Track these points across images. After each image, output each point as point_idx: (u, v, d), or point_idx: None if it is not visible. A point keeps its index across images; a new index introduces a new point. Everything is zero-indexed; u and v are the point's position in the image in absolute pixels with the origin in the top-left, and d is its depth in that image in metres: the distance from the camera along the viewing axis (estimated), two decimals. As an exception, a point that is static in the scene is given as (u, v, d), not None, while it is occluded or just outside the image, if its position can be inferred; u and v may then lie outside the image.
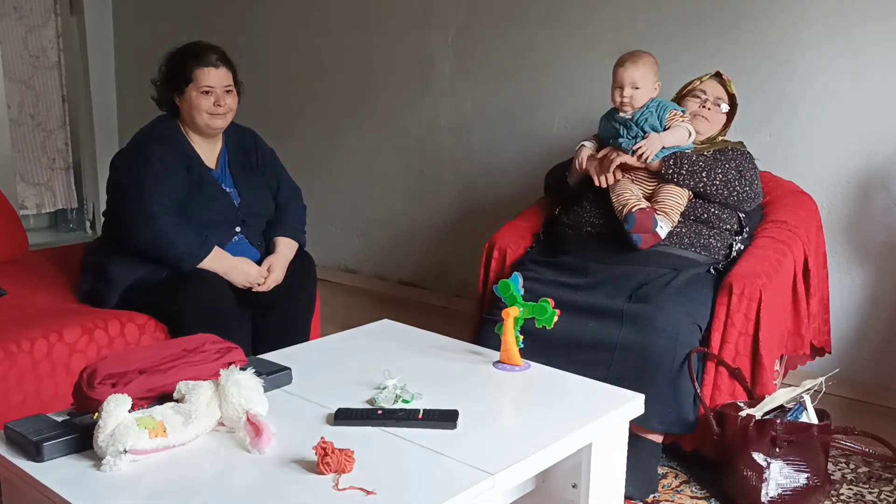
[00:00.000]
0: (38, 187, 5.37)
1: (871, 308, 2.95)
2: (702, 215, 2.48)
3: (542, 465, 1.54)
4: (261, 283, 2.55)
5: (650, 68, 2.53)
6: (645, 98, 2.52)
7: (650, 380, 2.17)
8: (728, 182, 2.47)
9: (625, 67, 2.52)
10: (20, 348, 2.17)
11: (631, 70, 2.51)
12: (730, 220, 2.51)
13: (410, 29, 4.03)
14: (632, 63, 2.52)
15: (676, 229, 2.46)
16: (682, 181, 2.46)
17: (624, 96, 2.52)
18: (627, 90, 2.51)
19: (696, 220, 2.48)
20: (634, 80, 2.50)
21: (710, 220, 2.48)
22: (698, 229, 2.47)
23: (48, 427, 1.49)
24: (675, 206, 2.45)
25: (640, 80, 2.50)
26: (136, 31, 5.33)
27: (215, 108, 2.54)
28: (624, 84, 2.51)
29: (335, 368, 1.92)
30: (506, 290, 1.93)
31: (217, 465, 1.45)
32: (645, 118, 2.51)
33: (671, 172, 2.47)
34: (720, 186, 2.47)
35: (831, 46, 2.89)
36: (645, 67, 2.51)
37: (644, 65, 2.52)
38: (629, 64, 2.52)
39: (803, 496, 2.12)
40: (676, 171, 2.46)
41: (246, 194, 2.64)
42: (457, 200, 4.00)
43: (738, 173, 2.50)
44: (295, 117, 4.59)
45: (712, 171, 2.47)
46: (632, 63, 2.52)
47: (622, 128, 2.54)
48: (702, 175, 2.46)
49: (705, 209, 2.49)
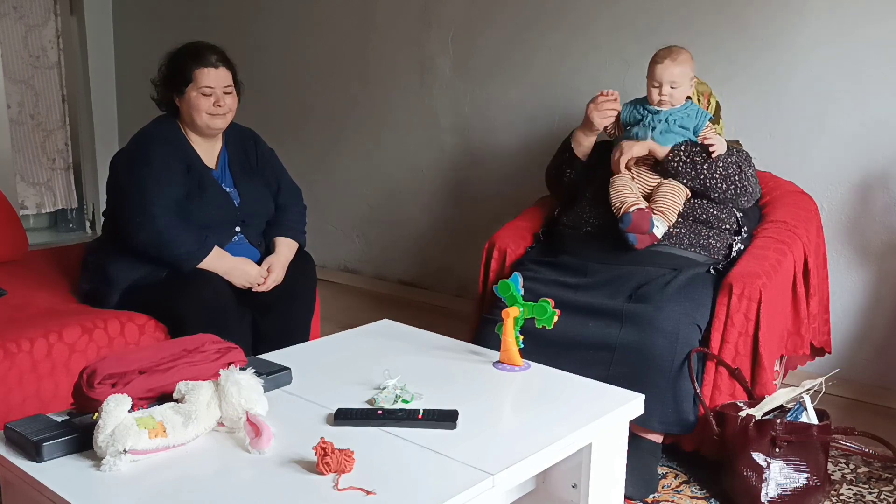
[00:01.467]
0: (38, 187, 5.37)
1: (871, 308, 2.95)
2: (701, 216, 2.48)
3: (542, 465, 1.54)
4: (261, 284, 2.55)
5: (689, 66, 2.49)
6: (683, 96, 2.50)
7: (650, 380, 2.17)
8: (728, 176, 2.46)
9: (664, 65, 2.47)
10: (20, 348, 2.17)
11: (671, 68, 2.46)
12: (728, 219, 2.51)
13: (410, 28, 4.03)
14: (672, 60, 2.46)
15: (676, 229, 2.45)
16: (683, 170, 2.45)
17: (663, 94, 2.48)
18: (666, 88, 2.47)
19: (696, 221, 2.48)
20: (674, 78, 2.46)
21: (710, 221, 2.48)
22: (698, 229, 2.47)
23: (48, 427, 1.49)
24: (673, 206, 2.45)
25: (679, 78, 2.46)
26: (136, 31, 5.33)
27: (215, 109, 2.54)
28: (663, 82, 2.47)
29: (335, 368, 1.92)
30: (506, 290, 1.93)
31: (217, 465, 1.45)
32: (679, 117, 2.48)
33: (676, 160, 2.46)
34: (719, 180, 2.45)
35: (831, 46, 2.89)
36: (684, 65, 2.47)
37: (683, 62, 2.47)
38: (669, 62, 2.46)
39: (803, 496, 2.12)
40: (681, 160, 2.45)
41: (246, 194, 2.64)
42: (457, 200, 4.00)
43: (738, 168, 2.48)
44: (295, 117, 4.59)
45: (714, 164, 2.46)
46: (672, 60, 2.46)
47: (649, 116, 2.51)
48: (703, 167, 2.45)
49: (704, 209, 2.49)
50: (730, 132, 3.15)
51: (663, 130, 2.49)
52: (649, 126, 2.51)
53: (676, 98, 2.49)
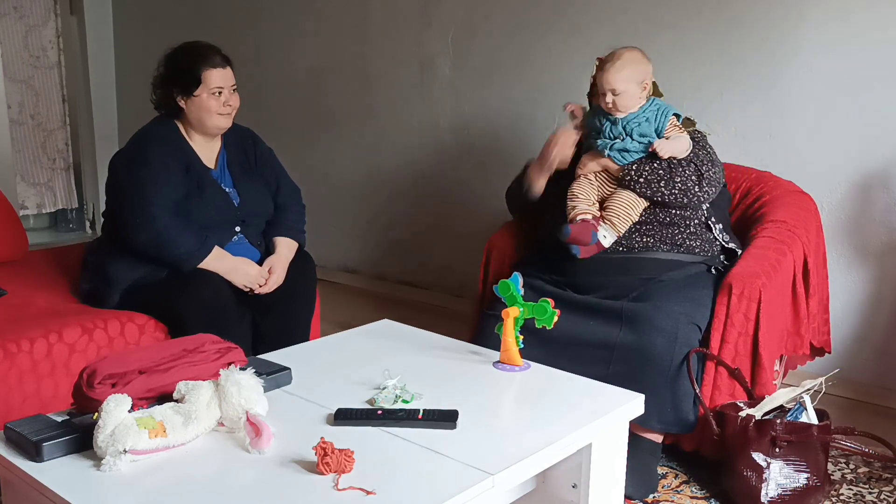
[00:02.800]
0: (38, 187, 5.37)
1: (871, 308, 2.95)
2: (665, 219, 2.44)
3: (542, 465, 1.54)
4: (261, 285, 2.55)
5: (633, 69, 2.36)
6: (631, 101, 2.38)
7: (649, 379, 2.17)
8: (687, 190, 2.39)
9: (604, 72, 2.37)
10: (20, 348, 2.17)
11: (609, 76, 2.35)
12: (693, 216, 2.46)
13: (410, 28, 4.03)
14: (610, 67, 2.36)
15: (650, 238, 2.41)
16: (638, 189, 2.40)
17: (607, 102, 2.38)
18: (608, 97, 2.37)
19: (662, 224, 2.44)
20: (613, 85, 2.35)
21: (675, 222, 2.44)
22: (669, 232, 2.43)
23: (48, 427, 1.49)
24: (624, 216, 2.39)
25: (620, 84, 2.35)
26: (136, 31, 5.33)
27: (224, 109, 2.54)
28: (604, 89, 2.37)
29: (335, 368, 1.92)
30: (506, 290, 1.93)
31: (217, 465, 1.45)
32: (637, 123, 2.40)
33: (628, 180, 2.41)
34: (679, 195, 2.39)
35: (831, 47, 2.89)
36: (625, 71, 2.35)
37: (623, 68, 2.35)
38: (608, 69, 2.36)
39: (803, 496, 2.12)
40: (634, 180, 2.41)
41: (245, 194, 2.64)
42: (457, 200, 4.00)
43: (699, 177, 2.40)
44: (295, 117, 4.59)
45: (671, 180, 2.38)
46: (610, 67, 2.36)
47: (608, 125, 2.43)
48: (660, 185, 2.38)
49: (666, 213, 2.43)
50: (730, 132, 3.16)
51: (621, 148, 2.41)
52: (607, 139, 2.43)
53: (624, 104, 2.37)
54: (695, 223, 2.46)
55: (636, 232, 2.42)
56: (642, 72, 2.39)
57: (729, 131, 3.14)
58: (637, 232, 2.42)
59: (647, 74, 2.41)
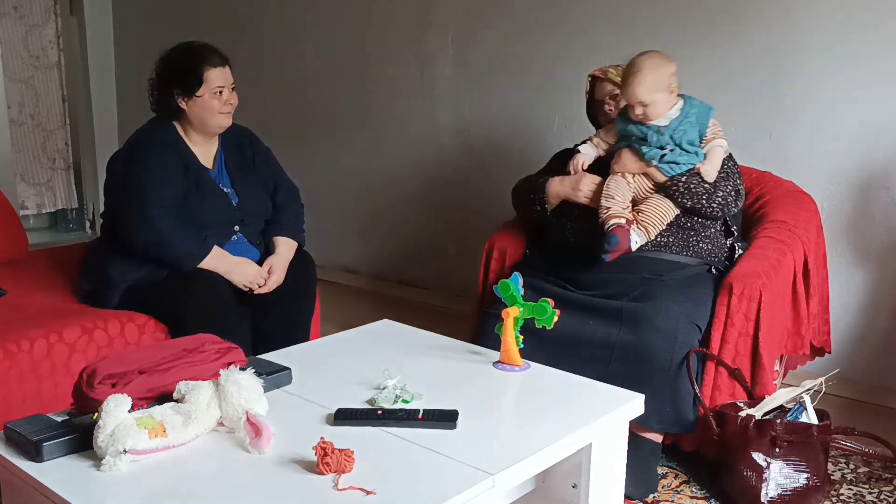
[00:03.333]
0: (38, 187, 5.37)
1: (871, 308, 2.95)
2: (686, 223, 2.44)
3: (542, 465, 1.54)
4: (261, 285, 2.55)
5: (655, 77, 2.30)
6: (662, 108, 2.34)
7: (648, 379, 2.17)
8: (727, 205, 2.40)
9: (628, 87, 2.32)
10: (20, 348, 2.17)
11: (634, 89, 2.31)
12: (714, 224, 2.48)
13: (410, 28, 4.03)
14: (632, 79, 2.31)
15: (663, 238, 2.42)
16: (682, 200, 2.38)
17: (637, 115, 2.34)
18: (637, 109, 2.33)
19: (681, 228, 2.44)
20: (640, 98, 2.31)
21: (695, 227, 2.45)
22: (686, 236, 2.44)
23: (48, 427, 1.49)
24: (657, 223, 2.37)
25: (646, 96, 2.30)
26: (136, 31, 5.33)
27: (225, 108, 2.55)
28: (632, 102, 2.33)
29: (335, 368, 1.92)
30: (506, 290, 1.93)
31: (217, 465, 1.45)
32: (683, 131, 2.33)
33: (674, 191, 2.37)
34: (717, 209, 2.39)
35: (831, 47, 2.89)
36: (647, 82, 2.30)
37: (645, 80, 2.29)
38: (630, 81, 2.31)
39: (803, 496, 2.12)
40: (682, 193, 2.37)
41: (243, 194, 2.64)
42: (457, 201, 4.00)
43: (736, 195, 2.42)
44: (294, 117, 4.59)
45: (714, 195, 2.37)
46: (632, 79, 2.31)
47: (653, 135, 2.35)
48: (702, 198, 2.37)
49: (689, 219, 2.44)
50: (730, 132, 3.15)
51: (670, 161, 2.36)
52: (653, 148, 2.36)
53: (656, 113, 2.33)
54: (712, 229, 2.47)
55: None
56: (666, 76, 2.33)
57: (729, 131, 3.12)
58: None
59: (672, 77, 2.35)
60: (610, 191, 2.41)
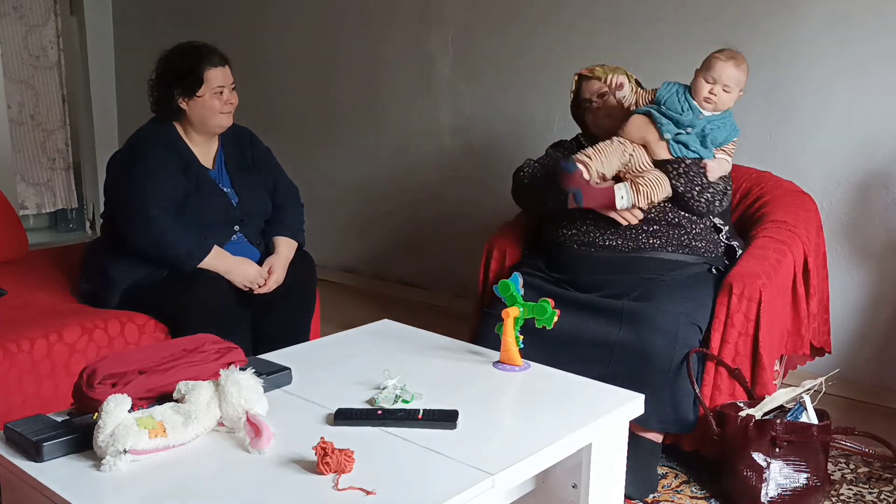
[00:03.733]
0: (38, 187, 5.37)
1: (871, 308, 2.95)
2: (673, 219, 2.44)
3: (542, 465, 1.54)
4: (261, 285, 2.55)
5: (745, 74, 2.37)
6: (729, 103, 2.39)
7: (649, 379, 2.17)
8: (711, 202, 2.41)
9: (726, 64, 2.34)
10: (20, 348, 2.17)
11: (730, 70, 2.33)
12: (700, 221, 2.47)
13: (410, 29, 4.03)
14: (735, 62, 2.34)
15: (658, 238, 2.41)
16: (675, 180, 2.39)
17: (713, 93, 2.36)
18: (718, 87, 2.35)
19: (670, 225, 2.44)
20: (728, 81, 2.34)
21: (683, 224, 2.44)
22: (678, 234, 2.43)
23: (48, 427, 1.49)
24: (649, 191, 2.36)
25: (734, 83, 2.35)
26: (136, 31, 5.33)
27: (226, 108, 2.55)
28: (718, 80, 2.34)
29: (335, 368, 1.92)
30: (506, 290, 1.93)
31: (217, 465, 1.45)
32: (715, 127, 2.37)
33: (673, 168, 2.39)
34: (703, 205, 2.40)
35: (831, 46, 2.89)
36: (742, 73, 2.35)
37: (742, 69, 2.35)
38: (731, 62, 2.34)
39: (803, 496, 2.12)
40: (680, 173, 2.39)
41: (243, 193, 2.64)
42: (457, 200, 4.00)
43: (723, 195, 2.43)
44: (294, 117, 4.59)
45: (705, 190, 2.39)
46: (735, 62, 2.34)
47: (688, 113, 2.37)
48: (694, 189, 2.38)
49: (675, 214, 2.44)
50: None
51: (684, 142, 2.37)
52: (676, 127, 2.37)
53: (723, 102, 2.37)
54: (701, 225, 2.46)
55: (643, 232, 2.42)
56: (745, 81, 2.39)
57: (729, 131, 3.14)
58: (644, 232, 2.42)
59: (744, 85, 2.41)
60: (599, 147, 2.39)
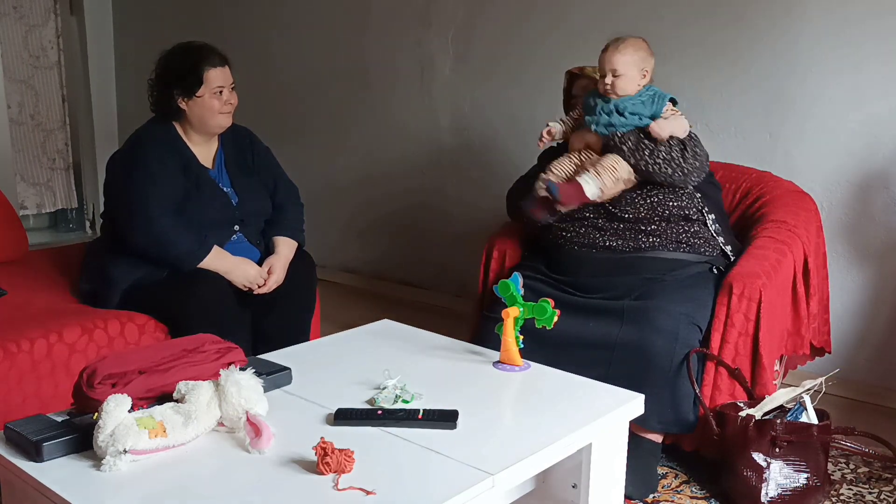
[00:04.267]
0: (38, 187, 5.37)
1: (871, 308, 2.95)
2: (664, 212, 2.42)
3: (542, 465, 1.54)
4: (261, 285, 2.55)
5: (636, 55, 2.39)
6: (630, 85, 2.40)
7: (649, 379, 2.17)
8: (672, 160, 2.38)
9: (607, 53, 2.41)
10: (20, 348, 2.17)
11: (612, 56, 2.39)
12: (690, 205, 2.44)
13: (410, 28, 4.03)
14: (614, 48, 2.39)
15: (657, 237, 2.41)
16: (624, 156, 2.39)
17: (605, 82, 2.41)
18: (608, 77, 2.40)
19: (663, 220, 2.43)
20: (615, 66, 2.38)
21: (674, 214, 2.43)
22: (675, 230, 2.43)
23: (48, 427, 1.49)
24: (609, 169, 2.37)
25: (621, 67, 2.38)
26: (136, 31, 5.33)
27: (225, 108, 2.55)
28: (605, 70, 2.41)
29: (335, 368, 1.92)
30: (506, 290, 1.93)
31: (217, 465, 1.45)
32: (632, 104, 2.40)
33: (612, 144, 2.40)
34: (663, 165, 2.37)
35: (831, 46, 2.89)
36: (627, 55, 2.38)
37: (626, 52, 2.38)
38: (611, 49, 2.40)
39: (803, 496, 2.12)
40: (617, 147, 2.39)
41: (243, 193, 2.64)
42: (457, 201, 4.00)
43: (682, 149, 2.40)
44: (295, 117, 4.59)
45: (655, 150, 2.38)
46: (614, 48, 2.39)
47: (600, 103, 2.44)
48: (644, 153, 2.38)
49: (663, 205, 2.42)
50: (730, 132, 3.16)
51: (607, 123, 2.42)
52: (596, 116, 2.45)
53: (621, 87, 2.39)
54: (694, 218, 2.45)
55: (642, 232, 2.42)
56: (645, 60, 2.41)
57: (729, 131, 3.14)
58: (643, 232, 2.42)
59: (650, 65, 2.43)
60: (551, 165, 2.49)
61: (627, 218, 2.42)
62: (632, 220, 2.42)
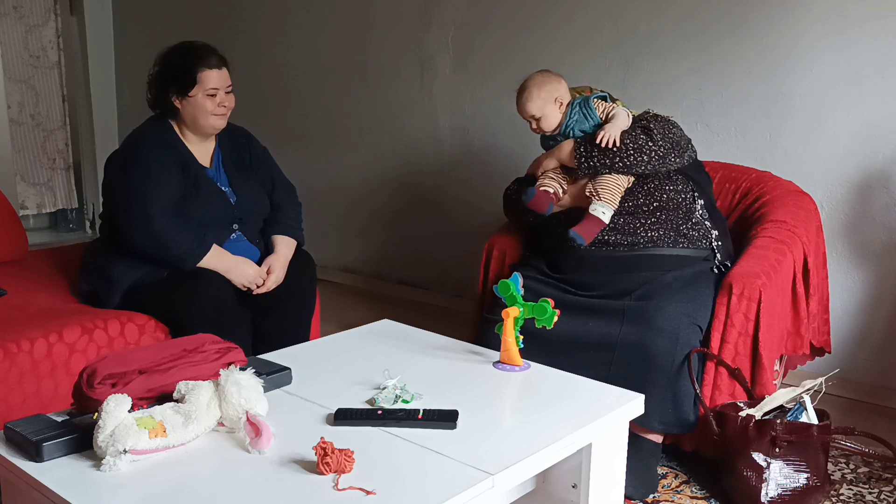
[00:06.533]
0: (38, 187, 5.37)
1: (871, 308, 2.95)
2: (661, 196, 2.42)
3: (542, 465, 1.54)
4: (260, 285, 2.55)
5: (541, 94, 2.48)
6: (553, 118, 2.50)
7: (650, 380, 2.17)
8: (642, 146, 2.39)
9: (519, 104, 2.52)
10: (20, 348, 2.17)
11: (524, 106, 2.50)
12: (685, 189, 2.45)
13: (410, 28, 4.03)
14: (524, 99, 2.50)
15: (655, 231, 2.41)
16: (600, 170, 2.42)
17: (533, 128, 2.54)
18: (532, 124, 2.53)
19: (661, 209, 2.42)
20: (531, 113, 2.50)
21: (670, 201, 2.43)
22: (670, 219, 2.42)
23: (48, 427, 1.49)
24: (613, 188, 2.41)
25: (537, 111, 2.49)
26: (136, 31, 5.33)
27: (219, 110, 2.55)
28: (525, 118, 2.53)
29: (335, 368, 1.92)
30: (506, 290, 1.93)
31: (217, 465, 1.45)
32: (571, 127, 2.50)
33: (584, 168, 2.44)
34: (635, 154, 2.39)
35: (831, 46, 2.89)
36: (535, 99, 2.48)
37: (532, 97, 2.49)
38: (521, 101, 2.51)
39: (803, 496, 2.12)
40: (587, 168, 2.43)
41: (241, 192, 2.64)
42: (457, 200, 4.00)
43: (647, 134, 2.41)
44: (295, 117, 4.59)
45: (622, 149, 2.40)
46: (524, 99, 2.50)
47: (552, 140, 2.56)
48: (615, 159, 2.40)
49: (657, 194, 2.42)
50: (730, 132, 3.16)
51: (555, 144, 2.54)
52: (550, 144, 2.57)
53: (548, 125, 2.51)
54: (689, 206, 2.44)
55: (640, 227, 2.42)
56: (552, 91, 2.50)
57: (729, 131, 3.14)
58: (642, 227, 2.42)
59: (559, 91, 2.51)
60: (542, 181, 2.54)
61: (627, 209, 2.42)
62: (631, 210, 2.42)
